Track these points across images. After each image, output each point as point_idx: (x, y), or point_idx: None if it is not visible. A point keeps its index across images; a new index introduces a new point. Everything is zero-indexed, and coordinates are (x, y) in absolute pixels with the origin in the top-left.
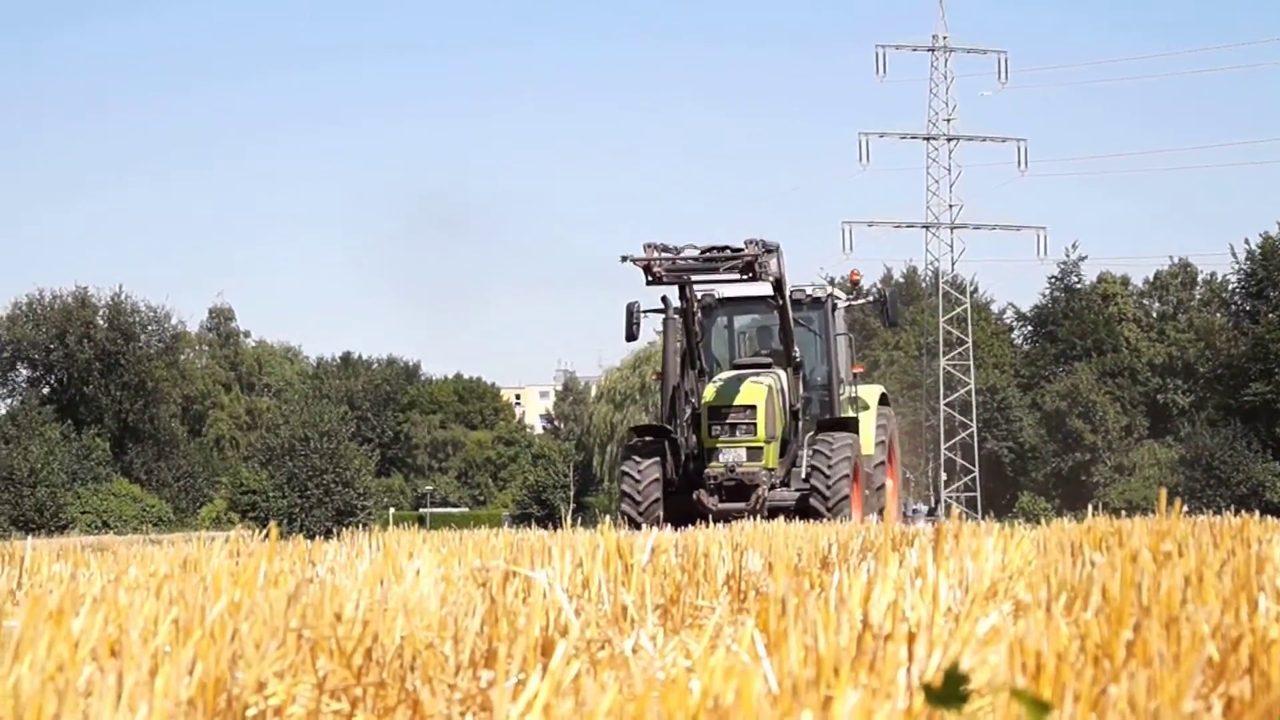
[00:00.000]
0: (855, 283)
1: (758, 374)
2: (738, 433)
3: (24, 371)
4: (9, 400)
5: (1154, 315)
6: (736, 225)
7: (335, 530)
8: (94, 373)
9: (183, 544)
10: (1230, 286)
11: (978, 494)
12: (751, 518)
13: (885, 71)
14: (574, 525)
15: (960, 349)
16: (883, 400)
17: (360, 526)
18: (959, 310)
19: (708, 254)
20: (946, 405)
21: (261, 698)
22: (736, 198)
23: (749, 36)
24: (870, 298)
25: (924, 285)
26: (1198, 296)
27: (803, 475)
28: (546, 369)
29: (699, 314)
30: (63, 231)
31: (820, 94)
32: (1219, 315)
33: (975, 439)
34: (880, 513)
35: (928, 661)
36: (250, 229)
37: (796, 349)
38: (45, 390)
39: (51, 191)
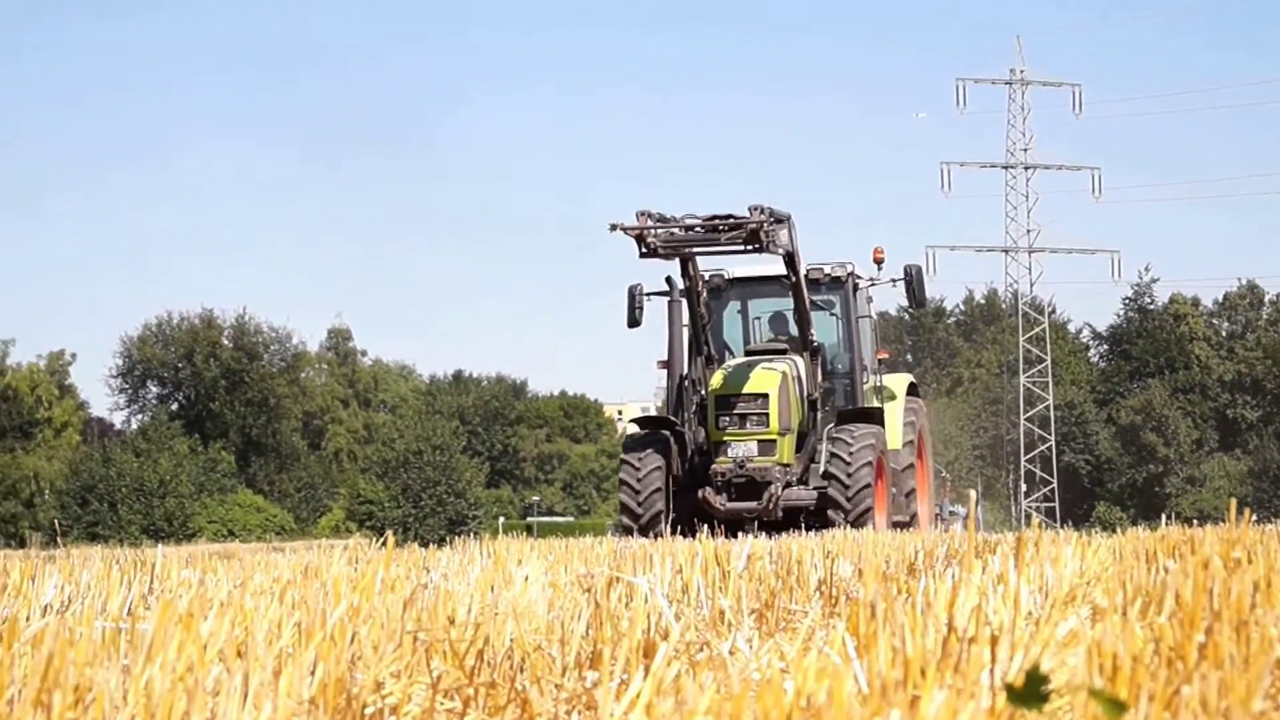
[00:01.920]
0: (879, 261)
1: (771, 360)
2: (748, 424)
3: (154, 389)
4: (140, 416)
5: (1223, 334)
6: (824, 253)
7: (447, 538)
8: (220, 390)
9: (304, 552)
10: None
11: (1056, 504)
12: (761, 522)
13: (965, 104)
14: (673, 534)
15: (1039, 367)
16: (911, 390)
17: (471, 535)
18: (1038, 330)
19: (708, 223)
20: (1026, 420)
21: (379, 697)
22: (823, 224)
23: (834, 71)
24: (896, 277)
25: (1004, 306)
26: (1265, 316)
27: (821, 472)
28: (647, 385)
29: (704, 294)
30: (190, 256)
31: (903, 125)
32: None
33: (1054, 452)
34: (914, 518)
35: (1010, 663)
36: (367, 253)
37: (814, 332)
38: (174, 406)
39: (179, 217)
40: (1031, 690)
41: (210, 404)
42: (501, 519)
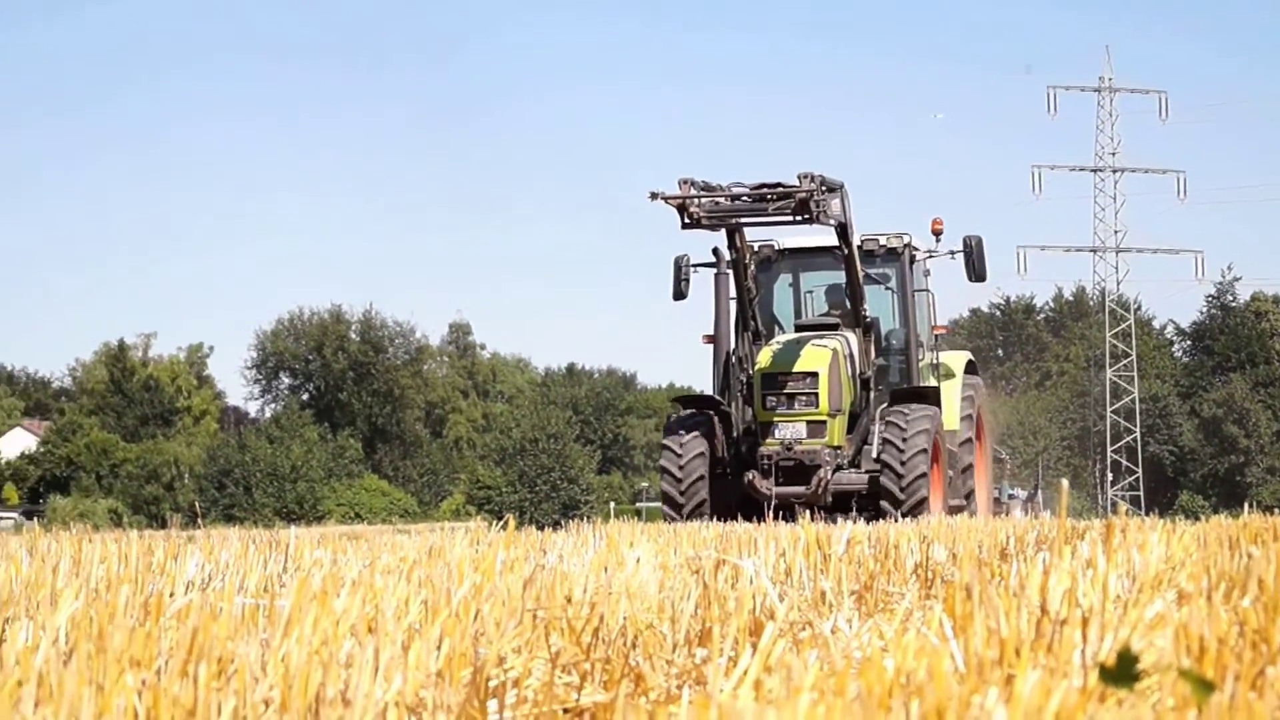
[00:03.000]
0: (938, 232)
1: (821, 336)
2: (796, 404)
3: (286, 380)
4: (273, 405)
5: None
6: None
7: (561, 522)
8: (347, 381)
9: (427, 534)
10: None
11: (1141, 493)
12: (810, 506)
13: (1056, 110)
14: (776, 519)
15: (1125, 361)
16: (970, 368)
17: (584, 519)
18: (1124, 326)
19: (755, 191)
20: (1113, 413)
21: (501, 670)
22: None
23: (929, 80)
24: (955, 249)
25: (1091, 304)
26: None
27: (874, 454)
28: None
29: (752, 266)
30: (319, 252)
31: (996, 129)
32: None
33: (1139, 443)
34: (968, 498)
35: (1100, 644)
36: (487, 252)
37: (867, 307)
38: (304, 396)
39: (307, 215)
40: (1122, 670)
41: (339, 394)
42: (612, 504)
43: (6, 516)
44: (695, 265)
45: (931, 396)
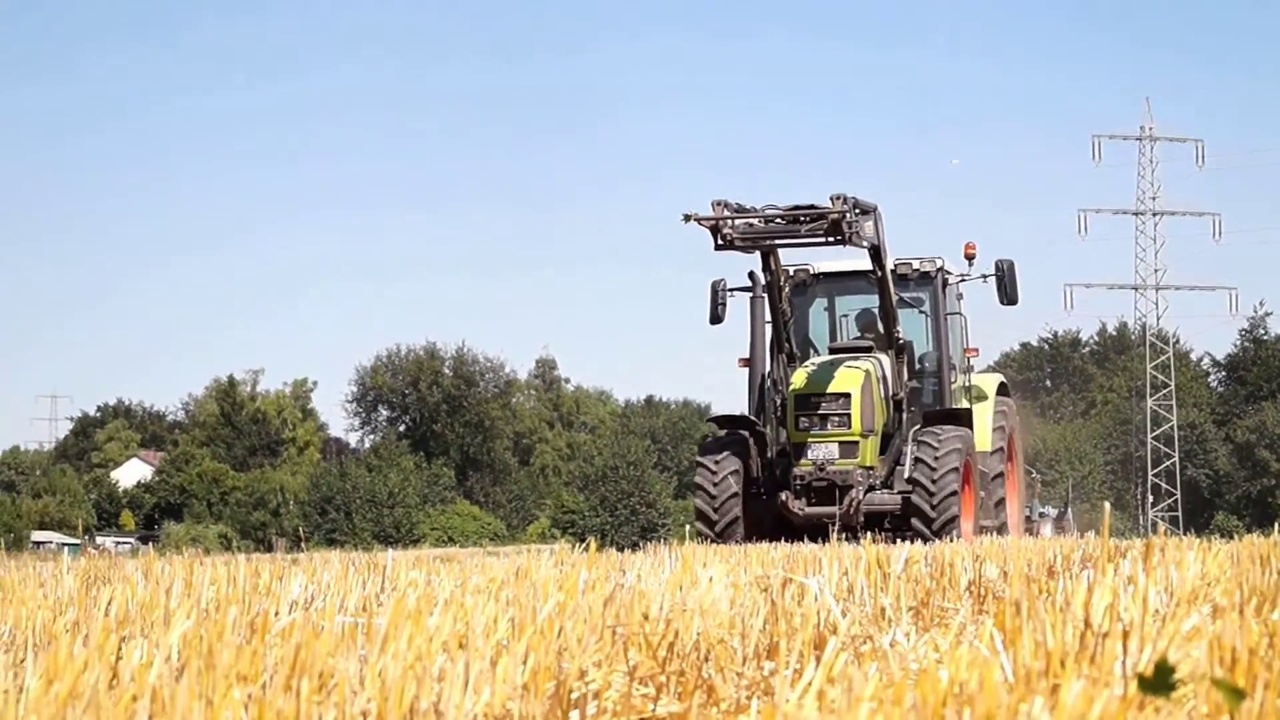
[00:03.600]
0: (970, 257)
1: (855, 358)
2: (829, 425)
3: (384, 412)
4: (372, 436)
5: None
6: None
7: (640, 544)
8: (441, 413)
9: (515, 555)
10: None
11: (1179, 514)
12: (844, 527)
13: (1100, 158)
14: (839, 540)
15: (1164, 391)
16: (1002, 390)
17: (661, 541)
18: (1163, 358)
19: (788, 213)
20: (1153, 439)
21: (583, 683)
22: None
23: (983, 130)
24: (986, 273)
25: (1133, 337)
26: None
27: (906, 474)
28: None
29: (787, 289)
30: (416, 292)
31: (1044, 175)
32: None
33: (1177, 467)
34: (998, 508)
35: (1140, 655)
36: (572, 291)
37: (900, 329)
38: (401, 428)
39: (405, 258)
40: (1160, 680)
41: (433, 425)
42: (688, 526)
43: (124, 541)
44: (732, 289)
45: (964, 418)
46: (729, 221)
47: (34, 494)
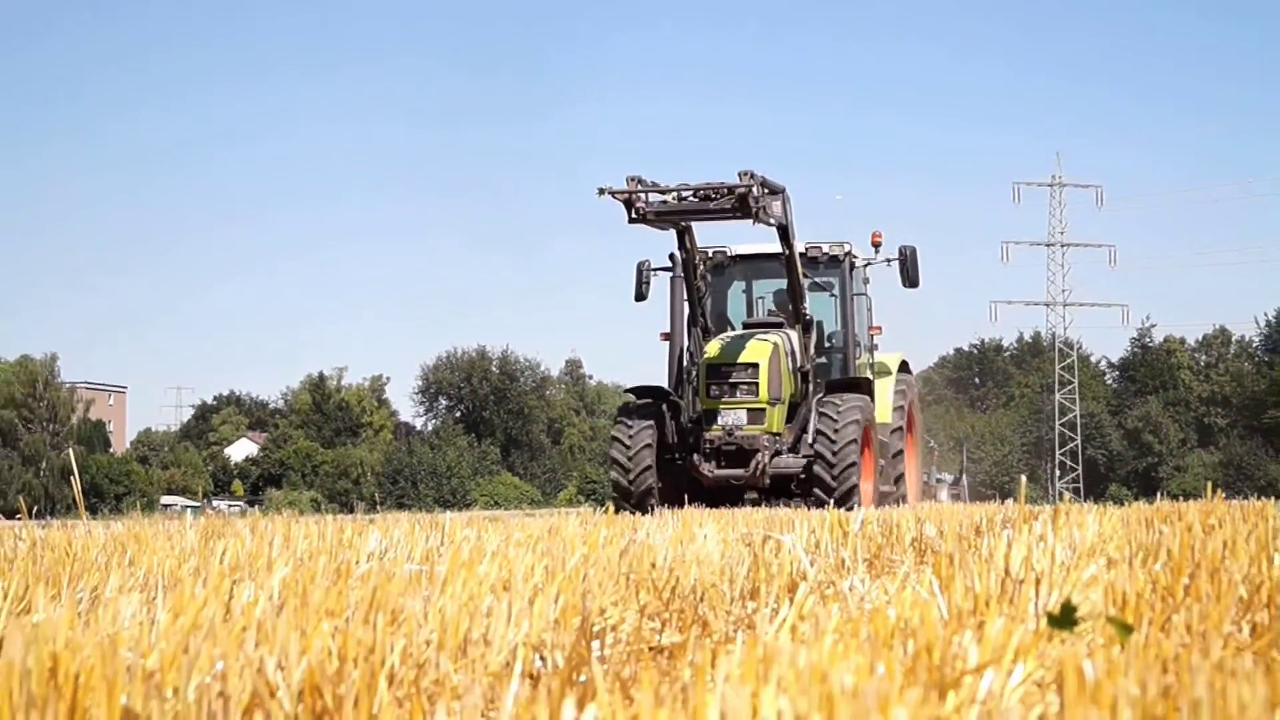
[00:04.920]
0: (877, 244)
1: (765, 333)
2: (738, 393)
3: (443, 401)
4: (434, 421)
5: (1202, 364)
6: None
7: (649, 510)
8: (489, 402)
9: (548, 517)
10: (1254, 344)
11: (1080, 485)
12: (751, 488)
13: (1019, 200)
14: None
15: (1069, 387)
16: (903, 367)
17: (665, 506)
18: (1068, 361)
19: (698, 189)
20: (1060, 425)
21: (603, 619)
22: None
23: (924, 174)
24: (890, 257)
25: (1045, 344)
26: (1232, 352)
27: (809, 443)
28: None
29: (702, 267)
30: (467, 302)
31: (974, 214)
32: (1246, 364)
33: (1079, 448)
34: (898, 481)
35: (1049, 598)
36: (598, 303)
37: (807, 307)
38: (457, 414)
39: (461, 273)
40: (1065, 617)
41: (483, 412)
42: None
43: (234, 505)
44: (655, 269)
45: (864, 386)
46: (642, 197)
47: (163, 466)
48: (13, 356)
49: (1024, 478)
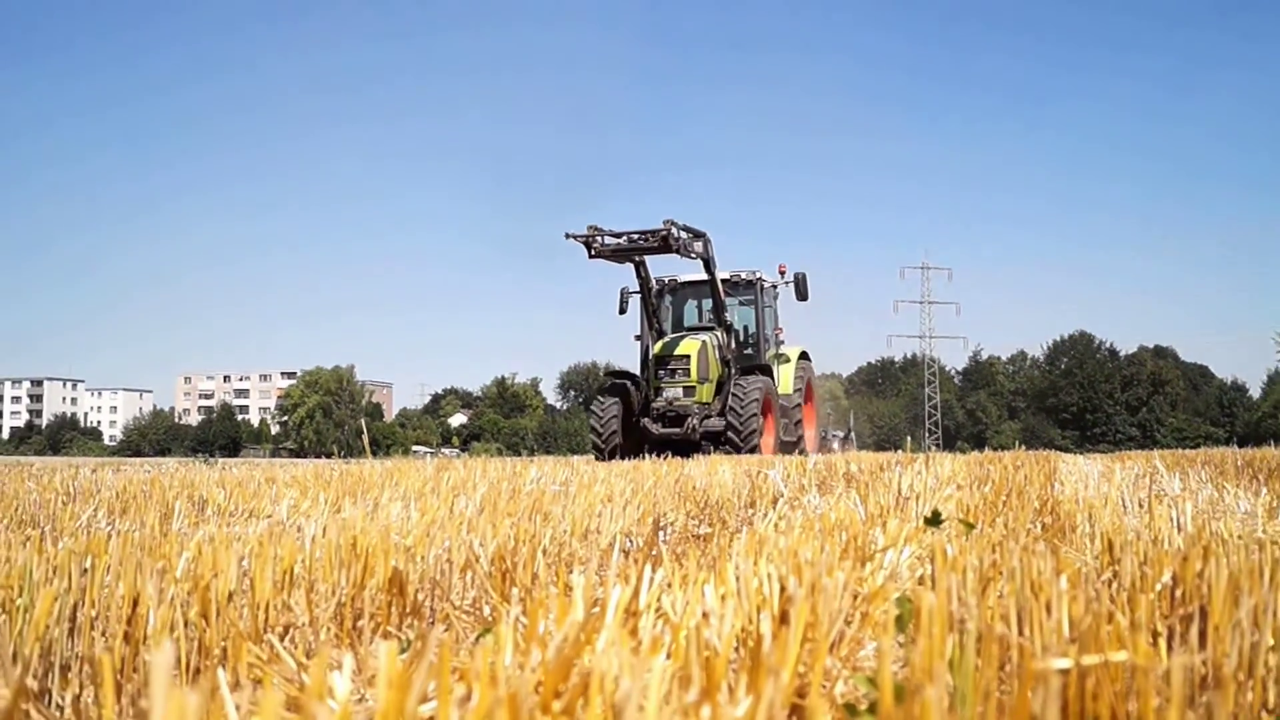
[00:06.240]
0: (782, 273)
1: (698, 333)
2: (676, 375)
3: (573, 393)
4: (567, 403)
5: (1010, 371)
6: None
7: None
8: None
9: (636, 462)
10: (1040, 360)
11: (941, 442)
12: (685, 442)
13: (903, 275)
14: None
15: (933, 385)
16: (803, 356)
17: (700, 454)
18: (932, 370)
19: (636, 234)
20: (930, 407)
21: (665, 518)
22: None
23: (824, 252)
24: (788, 280)
25: (920, 360)
26: (1028, 363)
27: (726, 409)
28: None
29: (658, 290)
30: (592, 328)
31: (870, 285)
32: (1036, 371)
33: (940, 421)
34: (800, 439)
35: (924, 508)
36: None
37: (728, 314)
38: (580, 400)
39: (585, 295)
40: (934, 519)
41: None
42: (712, 448)
43: (454, 452)
44: (632, 292)
45: (766, 370)
46: (598, 239)
47: (414, 429)
48: (329, 365)
49: (909, 438)
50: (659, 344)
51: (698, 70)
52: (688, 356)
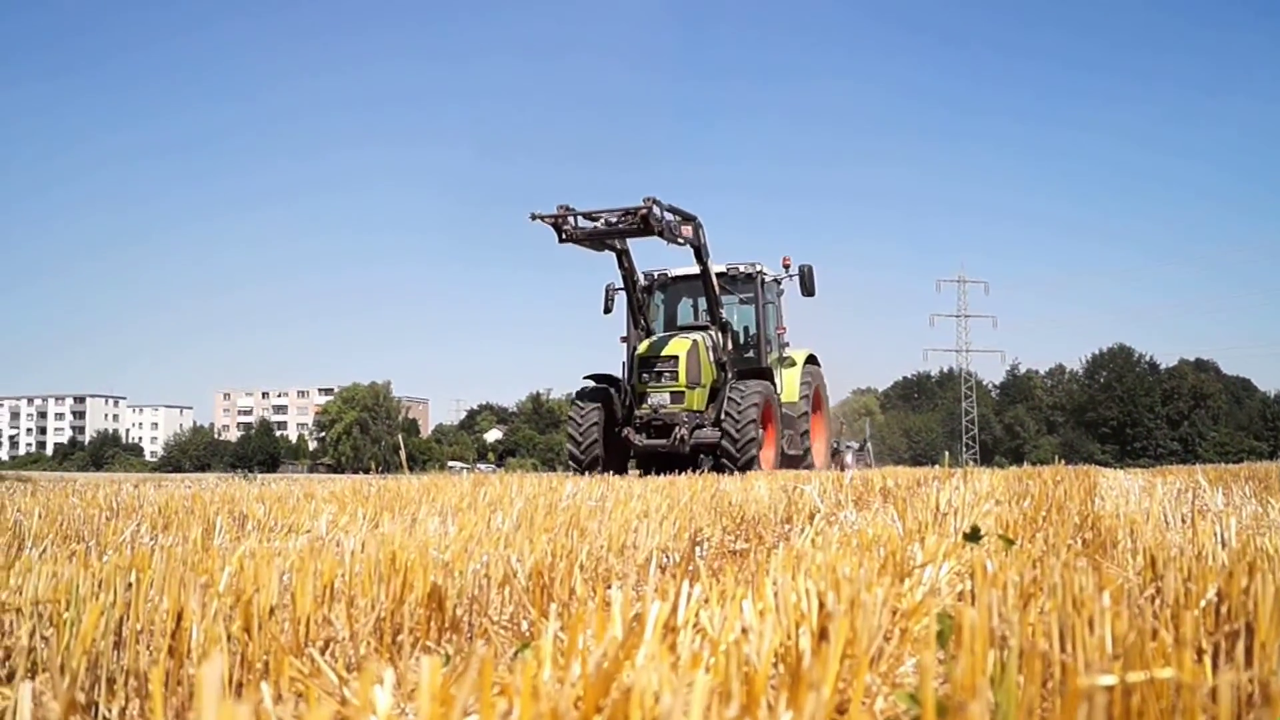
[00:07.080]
0: (786, 266)
1: (689, 332)
2: (663, 379)
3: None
4: None
5: (1049, 385)
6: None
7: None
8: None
9: (671, 478)
10: (1080, 374)
11: (978, 457)
12: (672, 455)
13: (939, 289)
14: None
15: (970, 399)
16: (810, 359)
17: (734, 471)
18: (969, 383)
19: (612, 213)
20: (966, 421)
21: (701, 534)
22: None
23: (857, 274)
24: (792, 274)
25: (957, 374)
26: (1066, 378)
27: (721, 418)
28: None
29: (645, 283)
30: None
31: (917, 296)
32: (1074, 385)
33: (977, 436)
34: (807, 451)
35: (963, 523)
36: None
37: (723, 311)
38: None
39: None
40: (973, 535)
41: None
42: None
43: (490, 467)
44: (618, 289)
45: (766, 374)
46: (569, 221)
47: (450, 445)
48: (365, 381)
49: (946, 453)
50: (643, 344)
51: (730, 83)
52: (675, 358)
